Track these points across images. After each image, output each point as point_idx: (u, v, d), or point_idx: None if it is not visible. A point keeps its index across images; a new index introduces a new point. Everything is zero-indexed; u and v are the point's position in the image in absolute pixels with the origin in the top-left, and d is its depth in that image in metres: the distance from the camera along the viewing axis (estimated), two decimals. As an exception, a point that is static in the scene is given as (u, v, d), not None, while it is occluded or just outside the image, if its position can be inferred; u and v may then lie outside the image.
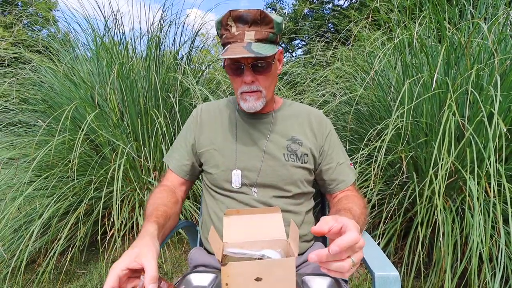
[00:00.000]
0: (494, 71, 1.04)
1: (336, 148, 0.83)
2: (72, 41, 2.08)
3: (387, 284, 0.58)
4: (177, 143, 0.87)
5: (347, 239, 0.43)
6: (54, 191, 1.60)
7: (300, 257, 0.78)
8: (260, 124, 0.81)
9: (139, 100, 1.85)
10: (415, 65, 1.50)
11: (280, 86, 2.24)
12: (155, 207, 0.70)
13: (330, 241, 0.48)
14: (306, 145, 0.79)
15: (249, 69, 0.71)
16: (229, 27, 0.70)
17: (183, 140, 0.85)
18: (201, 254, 0.80)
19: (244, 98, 0.75)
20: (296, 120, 0.82)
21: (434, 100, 1.44)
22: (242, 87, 0.74)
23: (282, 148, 0.78)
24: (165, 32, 1.93)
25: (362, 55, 1.96)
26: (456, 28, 1.44)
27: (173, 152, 0.86)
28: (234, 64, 0.72)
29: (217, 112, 0.85)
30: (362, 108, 1.76)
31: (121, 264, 0.49)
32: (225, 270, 0.53)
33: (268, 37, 0.70)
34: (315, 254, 0.44)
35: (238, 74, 0.73)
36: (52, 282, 1.60)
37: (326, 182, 0.82)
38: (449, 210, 1.27)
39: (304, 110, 0.85)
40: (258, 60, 0.71)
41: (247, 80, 0.72)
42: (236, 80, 0.75)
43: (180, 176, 0.84)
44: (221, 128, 0.82)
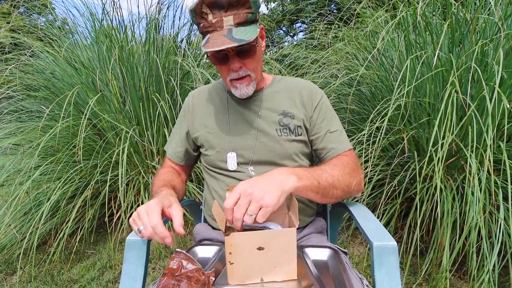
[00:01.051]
0: (499, 47, 1.02)
1: (327, 117, 0.80)
2: (71, 27, 2.05)
3: (384, 253, 0.60)
4: (173, 132, 0.91)
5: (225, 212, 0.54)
6: (61, 175, 1.64)
7: (301, 231, 0.80)
8: (251, 103, 0.81)
9: (140, 84, 1.84)
10: (419, 43, 1.47)
11: (281, 69, 2.21)
12: (163, 183, 0.74)
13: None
14: (299, 116, 0.79)
15: (234, 56, 0.70)
16: (204, 15, 0.67)
17: (177, 129, 0.89)
18: (205, 229, 0.83)
19: (235, 85, 0.75)
20: (286, 94, 0.82)
21: (437, 79, 1.42)
22: (230, 74, 0.73)
23: (274, 124, 0.78)
24: (163, 15, 1.90)
25: (364, 34, 1.91)
26: (461, 3, 1.40)
27: (170, 141, 0.91)
28: (219, 54, 0.70)
29: (208, 96, 0.86)
30: (364, 89, 1.74)
31: (157, 208, 0.58)
32: (229, 239, 0.55)
33: (247, 18, 0.67)
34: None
35: (224, 63, 0.72)
36: (63, 261, 1.66)
37: (317, 151, 0.80)
38: (450, 189, 1.28)
39: (294, 83, 0.85)
40: (242, 47, 0.68)
41: (235, 68, 0.71)
42: (222, 69, 0.74)
43: (176, 162, 0.88)
44: (213, 111, 0.83)
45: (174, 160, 0.88)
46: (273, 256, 0.57)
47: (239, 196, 0.53)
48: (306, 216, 0.82)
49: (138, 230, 0.57)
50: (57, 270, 1.60)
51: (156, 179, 0.80)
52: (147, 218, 0.56)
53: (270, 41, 5.22)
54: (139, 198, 1.71)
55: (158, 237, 0.55)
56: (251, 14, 0.67)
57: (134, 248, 0.64)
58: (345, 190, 0.69)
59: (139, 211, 0.58)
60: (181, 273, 0.57)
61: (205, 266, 0.67)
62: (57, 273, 1.57)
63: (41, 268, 1.62)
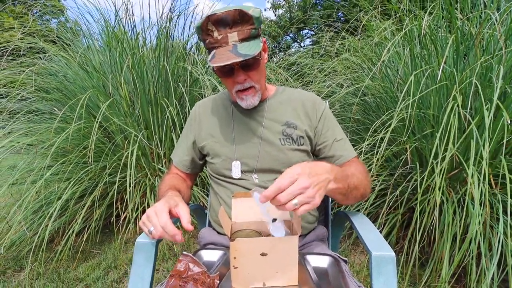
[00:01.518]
0: (502, 63, 1.05)
1: (332, 126, 0.84)
2: (84, 31, 2.13)
3: (383, 263, 0.62)
4: (179, 141, 0.94)
5: (270, 188, 0.50)
6: (71, 176, 1.69)
7: (303, 238, 0.83)
8: (255, 113, 0.85)
9: (150, 89, 1.90)
10: (423, 57, 1.49)
11: (287, 77, 2.25)
12: (169, 187, 0.77)
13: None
14: (301, 127, 0.82)
15: (239, 69, 0.74)
16: (210, 32, 0.71)
17: (184, 138, 0.92)
18: (210, 234, 0.86)
19: (241, 97, 0.79)
20: (289, 105, 0.86)
21: (441, 92, 1.44)
22: (236, 86, 0.77)
23: (277, 133, 0.82)
24: (174, 23, 1.96)
25: (370, 46, 1.95)
26: (467, 18, 1.42)
27: (176, 149, 0.94)
28: (224, 68, 0.74)
29: (213, 107, 0.90)
30: (369, 99, 1.76)
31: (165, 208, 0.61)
32: (234, 245, 0.58)
33: (251, 34, 0.71)
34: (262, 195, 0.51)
35: (229, 76, 0.76)
36: (70, 260, 1.71)
37: (326, 160, 0.83)
38: (451, 201, 1.29)
39: (296, 95, 0.88)
40: (246, 60, 0.72)
41: (240, 80, 0.75)
42: (228, 81, 0.78)
43: (182, 170, 0.91)
44: (218, 121, 0.87)
45: (180, 168, 0.91)
46: (275, 262, 0.59)
47: (294, 180, 0.51)
48: (308, 223, 0.85)
49: (149, 231, 0.60)
50: (64, 268, 1.64)
51: (162, 184, 0.83)
52: (156, 219, 0.59)
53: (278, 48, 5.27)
54: (145, 200, 1.75)
55: (168, 236, 0.58)
56: (254, 29, 0.72)
57: (143, 250, 0.67)
58: (363, 192, 0.73)
59: (148, 213, 0.61)
60: (187, 275, 0.60)
61: (210, 270, 0.70)
62: (63, 271, 1.61)
63: (48, 266, 1.66)
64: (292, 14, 11.66)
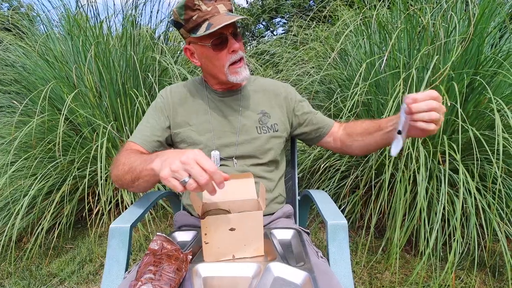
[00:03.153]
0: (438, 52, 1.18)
1: (306, 106, 0.93)
2: (42, 18, 1.99)
3: (336, 230, 0.71)
4: (144, 122, 0.85)
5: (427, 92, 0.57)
6: (36, 171, 1.63)
7: (270, 216, 0.90)
8: (231, 101, 0.88)
9: (117, 79, 1.85)
10: (379, 46, 1.61)
11: (258, 66, 2.30)
12: (137, 156, 0.69)
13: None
14: (274, 116, 0.88)
15: (231, 37, 0.76)
16: (197, 6, 0.72)
17: (153, 120, 0.84)
18: (184, 216, 0.91)
19: (235, 71, 0.78)
20: (263, 95, 0.91)
21: (396, 78, 1.57)
22: (231, 58, 0.77)
23: (254, 122, 0.87)
24: (140, 10, 1.90)
25: (333, 35, 2.04)
26: (419, 9, 1.54)
27: (140, 130, 0.83)
28: (218, 39, 0.75)
29: (187, 93, 0.88)
30: (334, 86, 1.87)
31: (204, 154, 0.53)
32: (204, 222, 0.63)
33: (231, 8, 0.77)
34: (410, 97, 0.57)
35: (223, 47, 0.76)
36: (41, 257, 1.67)
37: (312, 132, 0.93)
38: (405, 178, 1.45)
39: (268, 84, 0.94)
40: (235, 28, 0.76)
41: (236, 47, 0.76)
42: (221, 54, 0.76)
43: (146, 149, 0.80)
44: (194, 108, 0.87)
45: (144, 147, 0.80)
46: (243, 235, 0.66)
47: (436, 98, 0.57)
48: (277, 203, 0.92)
49: (183, 182, 0.50)
50: (35, 265, 1.61)
51: (127, 156, 0.70)
52: (198, 167, 0.49)
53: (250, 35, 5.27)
54: (117, 193, 1.74)
55: (211, 185, 0.52)
56: (232, 5, 0.77)
57: (117, 235, 0.71)
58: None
59: (183, 161, 0.50)
60: (161, 252, 0.65)
61: (184, 248, 0.76)
62: (35, 268, 1.58)
63: (18, 264, 1.62)
64: (264, 2, 11.56)
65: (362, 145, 0.84)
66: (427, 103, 0.56)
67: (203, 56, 0.81)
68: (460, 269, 1.42)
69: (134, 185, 0.69)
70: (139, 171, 0.64)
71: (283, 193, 0.96)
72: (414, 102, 0.56)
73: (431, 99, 0.56)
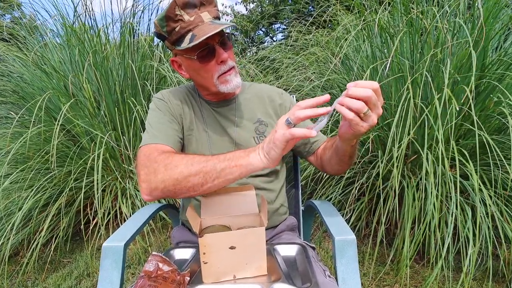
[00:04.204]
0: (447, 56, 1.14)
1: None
2: (40, 28, 1.98)
3: (344, 246, 0.66)
4: (159, 124, 0.75)
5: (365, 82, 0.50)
6: (33, 183, 1.59)
7: (273, 229, 0.86)
8: (226, 111, 0.83)
9: (116, 88, 1.82)
10: (382, 50, 1.58)
11: (258, 72, 2.27)
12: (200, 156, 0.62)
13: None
14: (272, 124, 0.84)
15: (219, 47, 0.71)
16: (179, 17, 0.67)
17: (165, 119, 0.76)
18: (182, 232, 0.86)
19: (225, 79, 0.73)
20: (258, 101, 0.86)
21: (400, 83, 1.54)
22: (219, 69, 0.72)
23: (251, 132, 0.82)
24: (138, 18, 1.89)
25: (334, 40, 2.01)
26: (420, 12, 1.52)
27: (161, 131, 0.73)
28: (204, 50, 0.70)
29: (183, 99, 0.82)
30: (336, 92, 1.83)
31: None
32: (202, 241, 0.59)
33: (218, 15, 0.73)
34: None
35: (210, 58, 0.71)
36: (37, 271, 1.62)
37: (302, 146, 0.86)
38: (412, 185, 1.40)
39: (264, 90, 0.89)
40: (223, 37, 0.71)
41: (224, 57, 0.71)
42: (209, 66, 0.72)
43: (175, 149, 0.72)
44: (193, 115, 0.82)
45: (174, 147, 0.71)
46: (244, 254, 0.61)
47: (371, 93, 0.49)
48: (279, 215, 0.88)
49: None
50: (32, 281, 1.56)
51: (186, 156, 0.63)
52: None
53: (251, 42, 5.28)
54: (116, 204, 1.70)
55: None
56: (219, 12, 0.72)
57: (111, 254, 0.66)
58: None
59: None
60: (157, 274, 0.60)
61: (182, 267, 0.71)
62: (31, 284, 1.53)
63: (13, 280, 1.57)
64: (263, 8, 11.65)
65: (329, 158, 0.77)
66: (365, 90, 0.49)
67: (191, 69, 0.76)
68: (472, 279, 1.35)
69: (203, 188, 0.61)
70: (220, 169, 0.59)
71: (285, 203, 0.91)
72: (355, 85, 0.50)
73: (372, 88, 0.50)
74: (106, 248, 0.66)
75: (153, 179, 0.62)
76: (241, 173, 0.59)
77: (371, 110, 0.51)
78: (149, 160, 0.64)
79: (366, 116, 0.51)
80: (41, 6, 1.74)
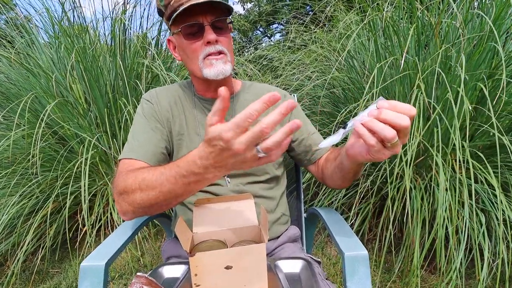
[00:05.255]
0: (461, 51, 1.07)
1: (304, 121, 0.80)
2: (26, 26, 1.89)
3: (355, 263, 0.59)
4: (141, 134, 0.70)
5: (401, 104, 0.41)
6: (17, 189, 1.50)
7: (275, 241, 0.78)
8: None
9: (107, 88, 1.74)
10: (387, 47, 1.51)
11: (256, 71, 2.19)
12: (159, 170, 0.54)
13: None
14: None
15: (210, 28, 0.65)
16: None
17: (150, 129, 0.71)
18: (174, 245, 0.78)
19: (210, 62, 0.67)
20: None
21: (405, 81, 1.47)
22: (205, 49, 0.66)
23: None
24: (130, 14, 1.80)
25: (335, 37, 1.94)
26: (426, 7, 1.45)
27: (141, 145, 0.68)
28: (192, 26, 0.65)
29: (173, 100, 0.76)
30: (337, 91, 1.76)
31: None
32: (193, 260, 0.51)
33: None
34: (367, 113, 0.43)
35: (197, 37, 0.66)
36: (24, 283, 1.52)
37: (303, 153, 0.79)
38: (419, 188, 1.32)
39: (266, 90, 0.82)
40: (218, 20, 0.66)
41: (211, 39, 0.65)
42: (195, 45, 0.67)
43: (152, 165, 0.66)
44: (183, 115, 0.76)
45: (150, 163, 0.66)
46: (242, 274, 0.54)
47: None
48: (280, 224, 0.80)
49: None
50: (17, 293, 1.47)
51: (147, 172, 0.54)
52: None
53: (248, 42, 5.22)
54: (108, 209, 1.61)
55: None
56: None
57: (90, 276, 0.58)
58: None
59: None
60: (141, 300, 0.52)
61: (173, 287, 0.63)
62: (16, 297, 1.44)
63: (-3, 292, 1.47)
64: (261, 8, 11.59)
65: (331, 173, 0.69)
66: (402, 118, 0.40)
67: (180, 49, 0.71)
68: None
69: (173, 202, 0.55)
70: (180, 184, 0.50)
71: (287, 212, 0.84)
72: (391, 108, 0.42)
73: (409, 115, 0.41)
74: (84, 268, 0.58)
75: (122, 202, 0.56)
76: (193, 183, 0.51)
77: (399, 139, 0.42)
78: (120, 179, 0.58)
79: (393, 145, 0.42)
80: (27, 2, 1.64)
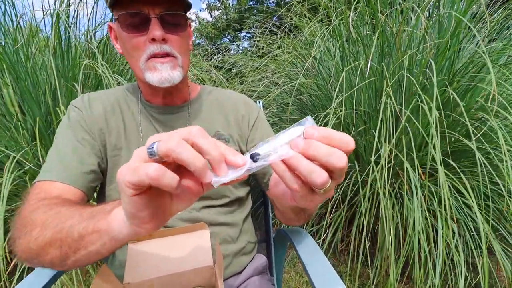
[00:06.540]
0: (427, 57, 1.06)
1: (266, 135, 0.69)
2: None
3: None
4: (64, 149, 0.57)
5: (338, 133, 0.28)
6: None
7: (238, 276, 0.65)
8: (174, 121, 0.63)
9: (46, 93, 1.49)
10: (352, 53, 1.48)
11: (221, 77, 2.08)
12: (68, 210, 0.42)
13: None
14: (234, 138, 0.66)
15: (157, 21, 0.52)
16: None
17: (75, 142, 0.57)
18: None
19: (154, 66, 0.55)
20: (218, 111, 0.68)
21: (370, 88, 1.45)
22: (148, 47, 0.54)
23: None
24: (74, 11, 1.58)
25: (300, 43, 1.91)
26: (386, 15, 1.46)
27: (62, 162, 0.55)
28: (134, 16, 0.52)
29: (115, 104, 0.63)
30: (304, 97, 1.71)
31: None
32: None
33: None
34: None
35: (141, 30, 0.53)
36: None
37: (259, 175, 0.66)
38: (389, 196, 1.29)
39: (227, 97, 0.71)
40: (169, 11, 0.53)
41: (157, 36, 0.52)
42: (136, 41, 0.54)
43: (77, 187, 0.54)
44: (122, 125, 0.62)
45: (75, 185, 0.53)
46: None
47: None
48: (244, 255, 0.67)
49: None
50: None
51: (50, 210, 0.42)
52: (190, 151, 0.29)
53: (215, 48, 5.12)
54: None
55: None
56: None
57: None
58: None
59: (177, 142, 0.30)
60: None
61: None
62: None
63: None
64: (228, 16, 11.61)
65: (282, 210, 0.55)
66: (337, 156, 0.27)
67: (121, 40, 0.58)
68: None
69: (67, 263, 0.39)
70: (77, 236, 0.36)
71: (252, 238, 0.72)
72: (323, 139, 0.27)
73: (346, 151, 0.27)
74: None
75: (17, 242, 0.42)
76: (104, 243, 0.35)
77: (332, 181, 0.28)
78: (21, 212, 0.45)
79: (325, 190, 0.29)
80: None
